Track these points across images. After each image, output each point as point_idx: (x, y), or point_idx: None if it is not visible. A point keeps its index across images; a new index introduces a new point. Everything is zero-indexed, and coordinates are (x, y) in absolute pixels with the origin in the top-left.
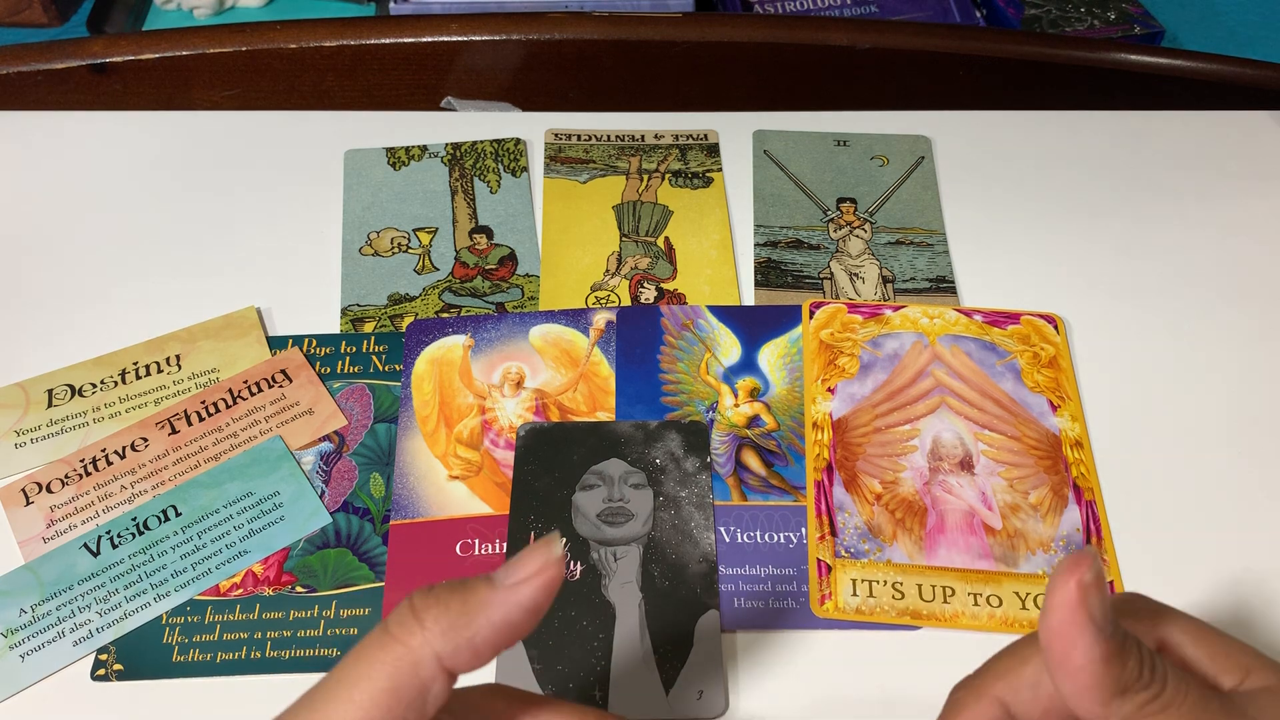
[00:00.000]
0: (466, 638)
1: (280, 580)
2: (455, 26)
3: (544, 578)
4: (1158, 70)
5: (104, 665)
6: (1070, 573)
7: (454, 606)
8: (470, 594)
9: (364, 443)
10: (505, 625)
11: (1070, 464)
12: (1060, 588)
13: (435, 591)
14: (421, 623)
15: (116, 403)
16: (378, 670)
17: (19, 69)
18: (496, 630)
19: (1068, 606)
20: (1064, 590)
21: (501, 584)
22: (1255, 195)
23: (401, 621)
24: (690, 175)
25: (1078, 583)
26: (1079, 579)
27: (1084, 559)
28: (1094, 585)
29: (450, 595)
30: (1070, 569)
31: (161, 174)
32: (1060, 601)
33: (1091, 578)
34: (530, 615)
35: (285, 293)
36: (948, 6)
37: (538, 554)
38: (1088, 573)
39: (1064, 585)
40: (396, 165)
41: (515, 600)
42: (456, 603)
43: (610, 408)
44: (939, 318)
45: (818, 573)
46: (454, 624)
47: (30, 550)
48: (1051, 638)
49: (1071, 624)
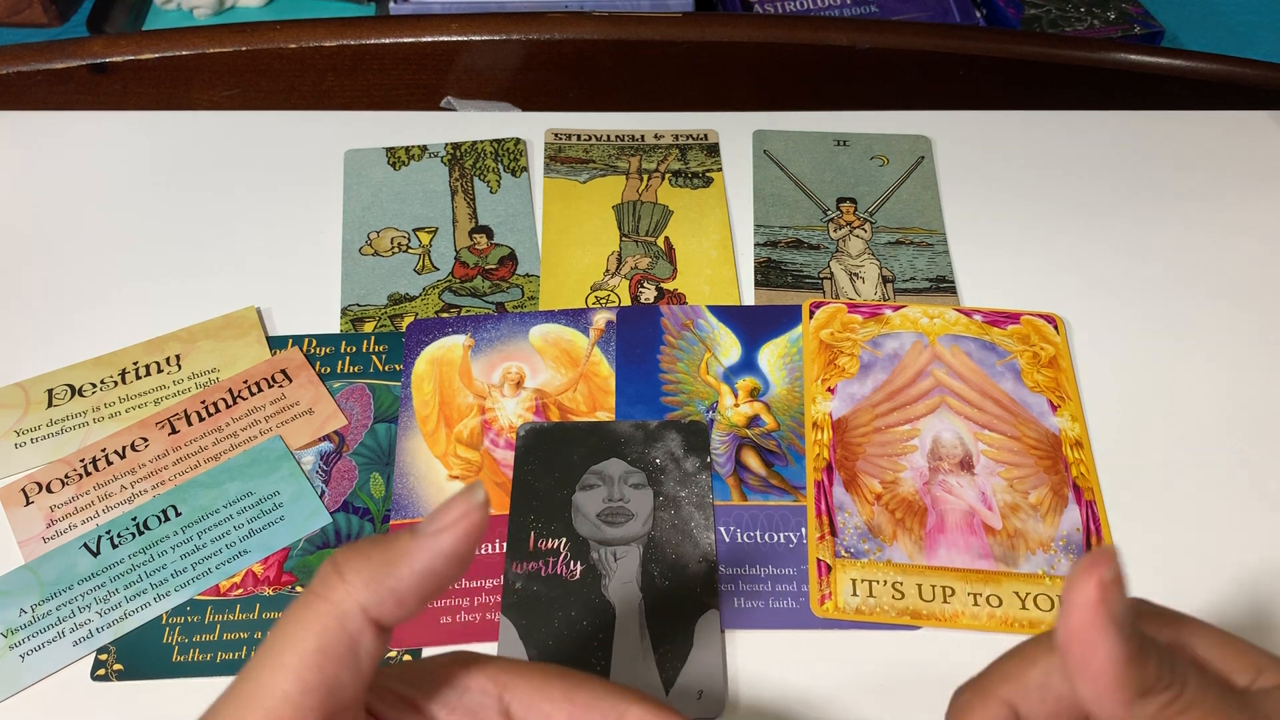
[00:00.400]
0: (389, 587)
1: (280, 580)
2: (455, 26)
3: (466, 523)
4: (1158, 70)
5: (104, 665)
6: (1090, 571)
7: (375, 557)
8: (391, 545)
9: (364, 443)
10: (429, 573)
11: (1070, 464)
12: (1080, 587)
13: (356, 545)
14: (343, 576)
15: (116, 403)
16: (304, 630)
17: (19, 69)
18: (420, 578)
19: (1088, 606)
20: (1084, 589)
21: (423, 532)
22: (1255, 195)
23: (324, 578)
24: (690, 175)
25: (1098, 582)
26: (1100, 578)
27: (1104, 557)
28: (1115, 584)
29: (371, 547)
30: (1090, 568)
31: (161, 174)
32: (1081, 601)
33: (1112, 576)
34: (453, 562)
35: (285, 293)
36: (948, 6)
37: (459, 501)
38: (1108, 571)
39: (1084, 584)
40: (396, 165)
41: (437, 547)
42: (378, 553)
43: (610, 408)
44: (939, 318)
45: (818, 573)
46: (375, 574)
47: (30, 550)
48: (1071, 639)
49: (1092, 625)
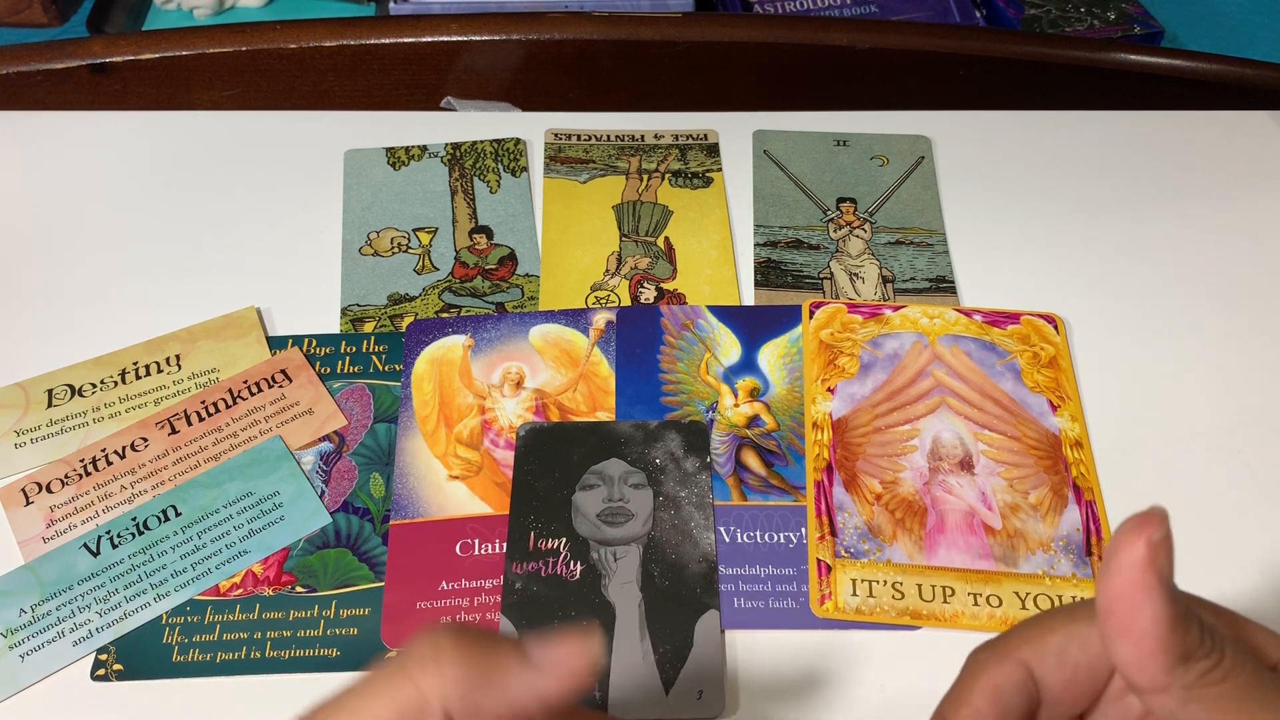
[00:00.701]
0: (478, 703)
1: (280, 580)
2: (455, 26)
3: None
4: (1158, 70)
5: (104, 665)
6: (1139, 531)
7: (478, 665)
8: (498, 658)
9: (364, 443)
10: (519, 707)
11: (1070, 464)
12: (1127, 546)
13: (465, 639)
14: (440, 668)
15: (116, 403)
16: (384, 706)
17: (19, 69)
18: (509, 708)
19: (1136, 566)
20: (1132, 549)
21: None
22: (1255, 195)
23: (420, 659)
24: (690, 175)
25: (1147, 541)
26: (1149, 537)
27: (1152, 517)
28: (1163, 545)
29: (477, 650)
30: (1138, 527)
31: (161, 174)
32: (1128, 561)
33: (1161, 537)
34: (545, 710)
35: (285, 293)
36: (948, 6)
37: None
38: (1157, 532)
39: (1132, 544)
40: (396, 165)
41: (539, 687)
42: (482, 661)
43: (610, 408)
44: (939, 318)
45: (818, 573)
46: (472, 684)
47: (30, 550)
48: (1115, 600)
49: (1140, 585)
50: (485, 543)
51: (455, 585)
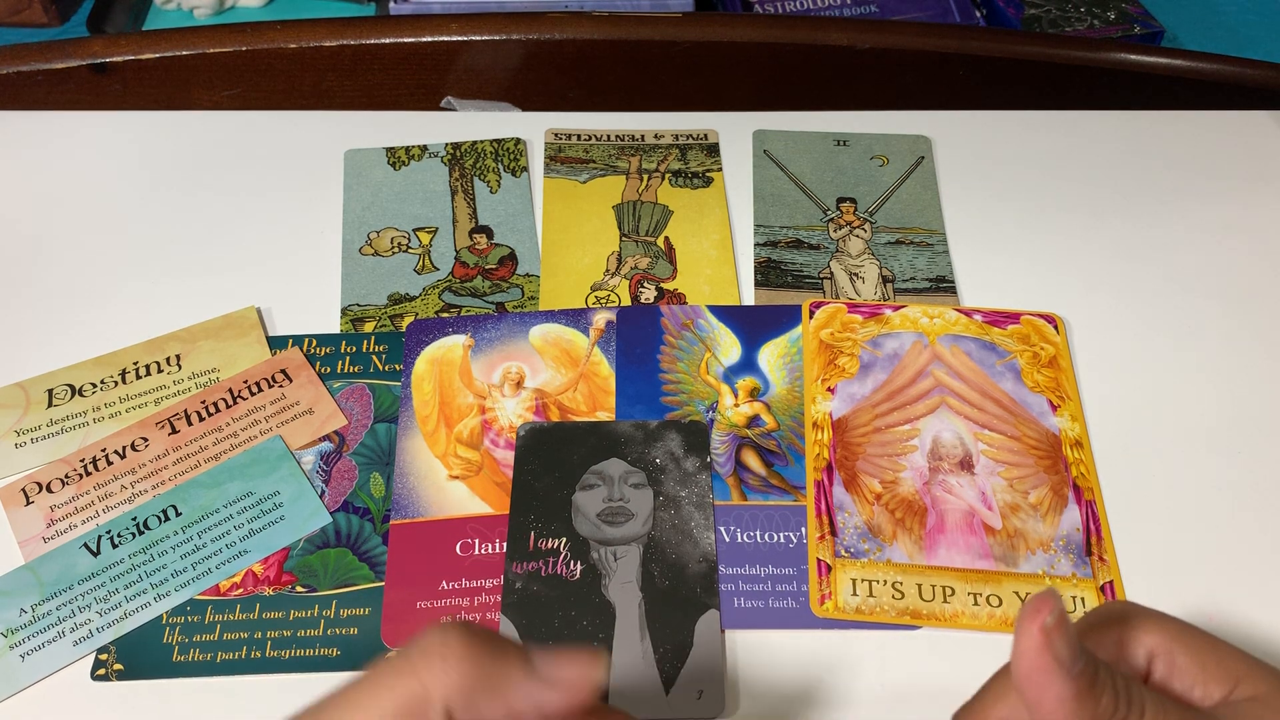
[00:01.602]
0: (479, 705)
1: (280, 580)
2: (455, 26)
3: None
4: (1158, 70)
5: (104, 665)
6: (1033, 618)
7: (483, 667)
8: (504, 665)
9: (364, 442)
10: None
11: (1070, 464)
12: (1024, 634)
13: (471, 639)
14: (445, 665)
15: (116, 403)
16: (388, 698)
17: (19, 69)
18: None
19: (1033, 652)
20: (1028, 636)
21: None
22: (1255, 195)
23: (426, 654)
24: (690, 175)
25: (1040, 628)
26: (1040, 624)
27: (1045, 602)
28: (1056, 628)
29: (484, 652)
30: (1032, 614)
31: (162, 174)
32: (1025, 648)
33: (1054, 620)
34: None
35: (285, 293)
36: (948, 6)
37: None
38: (1049, 616)
39: (1028, 631)
40: (396, 165)
41: (539, 699)
42: (487, 664)
43: (610, 408)
44: (939, 318)
45: (818, 572)
46: (475, 686)
47: (30, 550)
48: (1023, 682)
49: (1039, 668)
50: (485, 542)
51: (455, 585)
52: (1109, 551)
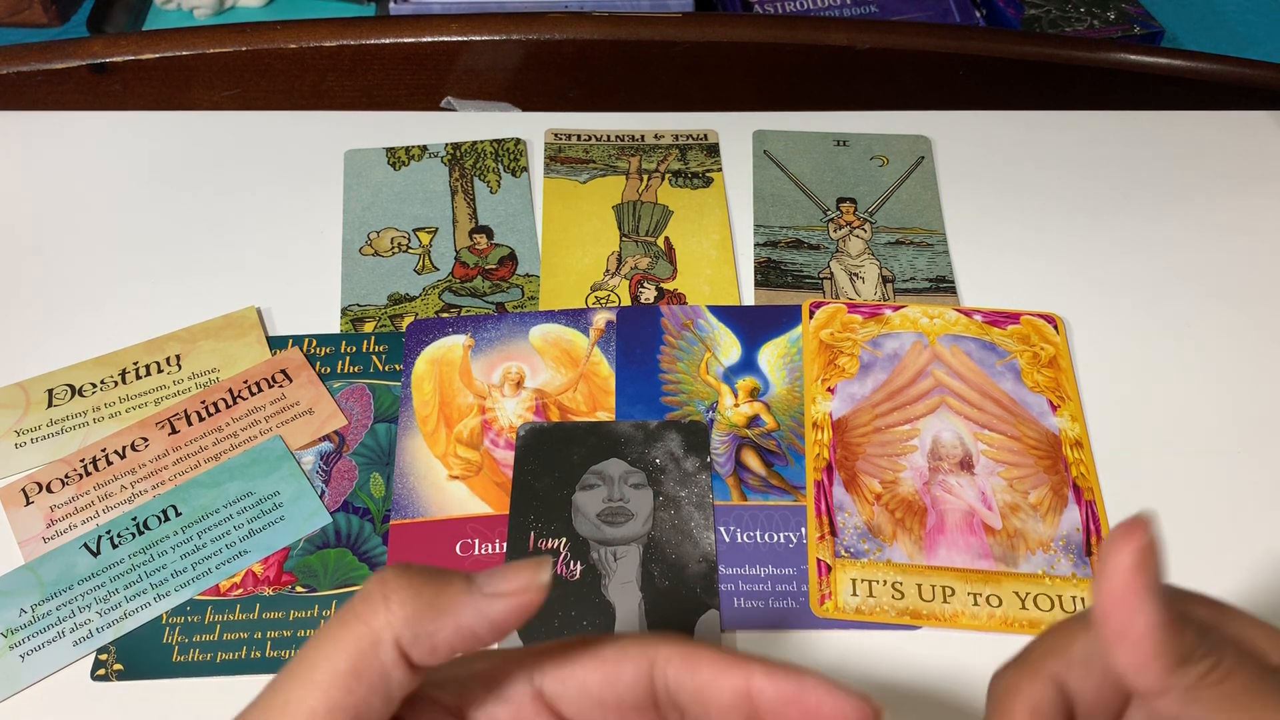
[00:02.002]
0: (429, 631)
1: (280, 580)
2: (455, 26)
3: (522, 599)
4: (1158, 70)
5: (104, 665)
6: (1127, 538)
7: (424, 595)
8: (444, 588)
9: (364, 443)
10: (469, 632)
11: (1070, 464)
12: (1118, 552)
13: (409, 573)
14: (388, 603)
15: (116, 403)
16: (339, 650)
17: (19, 69)
18: (459, 634)
19: (1127, 571)
20: (1122, 555)
21: (479, 589)
22: (1255, 195)
23: (368, 598)
24: (690, 175)
25: (1135, 547)
26: (1137, 543)
27: (1140, 523)
28: (1151, 550)
29: (424, 583)
30: (1127, 534)
31: (161, 174)
32: (1118, 566)
33: (1148, 542)
34: (495, 631)
35: (285, 293)
36: (948, 6)
37: (524, 572)
38: (1145, 536)
39: (1122, 550)
40: (396, 165)
41: (486, 611)
42: (428, 592)
43: (610, 408)
44: (939, 318)
45: (818, 572)
46: (420, 613)
47: (30, 550)
48: (1110, 606)
49: (1131, 591)
50: (485, 543)
51: None
52: None
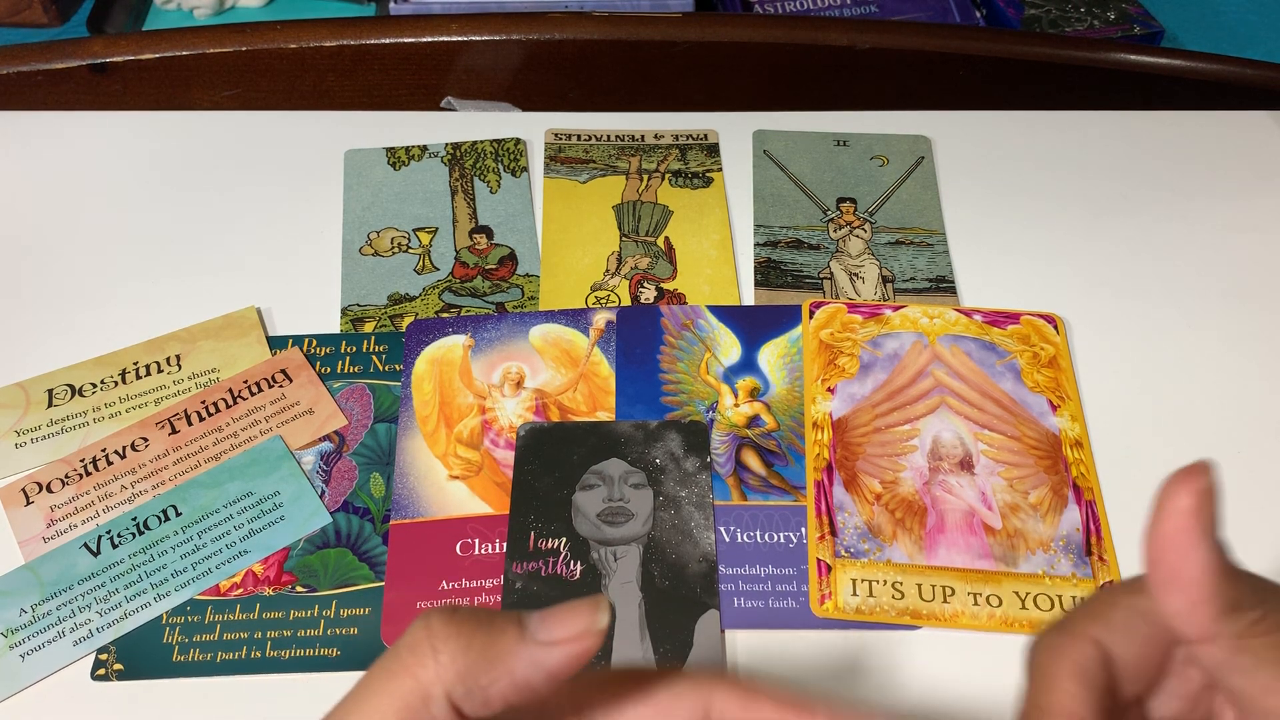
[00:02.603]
0: (481, 685)
1: (280, 580)
2: (455, 26)
3: (580, 646)
4: (1158, 70)
5: (104, 665)
6: (1186, 480)
7: (475, 647)
8: (496, 637)
9: (364, 443)
10: (524, 684)
11: (1070, 464)
12: (1176, 494)
13: (458, 620)
14: (436, 655)
15: (116, 403)
16: (387, 704)
17: (19, 69)
18: (514, 687)
19: (1184, 514)
20: (1180, 498)
21: (533, 637)
22: (1255, 195)
23: (415, 649)
24: (690, 175)
25: (1194, 489)
26: (1196, 486)
27: (1199, 468)
28: (1209, 495)
29: (474, 631)
30: (1185, 477)
31: (161, 174)
32: (1176, 508)
33: (1208, 487)
34: (551, 681)
35: (285, 293)
36: (948, 6)
37: (581, 616)
38: (1204, 481)
39: (1179, 493)
40: (396, 165)
41: (542, 661)
42: (480, 643)
43: (610, 408)
44: (939, 318)
45: (818, 572)
46: (472, 666)
47: (30, 550)
48: (1164, 547)
49: (1187, 532)
50: (485, 543)
51: (455, 585)
52: (1109, 551)
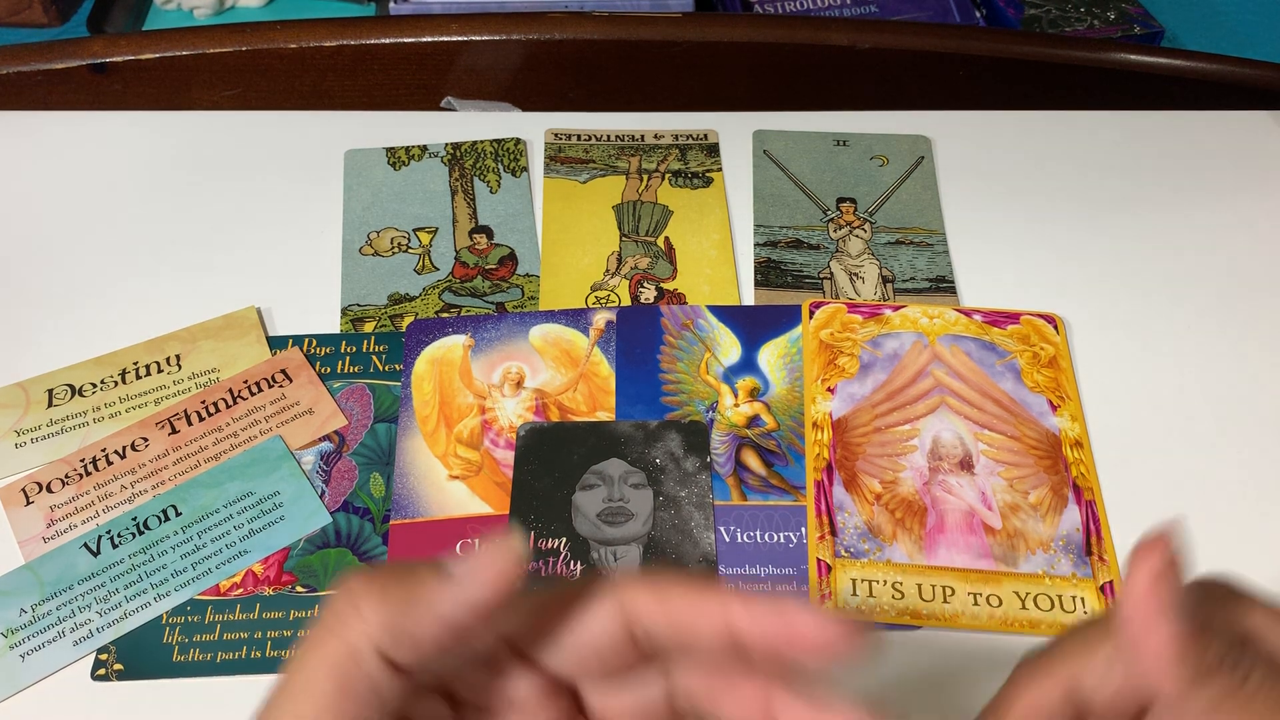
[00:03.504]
0: (406, 630)
1: (280, 580)
2: (455, 26)
3: (496, 573)
4: (1158, 70)
5: (104, 665)
6: (1147, 554)
7: (394, 595)
8: (414, 582)
9: (364, 442)
10: (451, 623)
11: (1070, 464)
12: (1138, 568)
13: (376, 576)
14: (359, 612)
15: (116, 403)
16: (320, 672)
17: (19, 69)
18: (441, 625)
19: (1146, 587)
20: (1141, 571)
21: (451, 576)
22: (1255, 195)
23: (337, 612)
24: (690, 175)
25: (1154, 565)
26: (1156, 560)
27: (1162, 539)
28: (1171, 567)
29: (391, 582)
30: (1148, 550)
31: (161, 174)
32: (1137, 582)
33: (1168, 559)
34: (480, 617)
35: (285, 293)
36: (948, 6)
37: (496, 550)
38: (1166, 552)
39: (1142, 566)
40: (396, 165)
41: (465, 596)
42: (397, 590)
43: (610, 408)
44: (939, 318)
45: (818, 572)
46: (395, 615)
47: (30, 550)
48: (1130, 619)
49: (1151, 606)
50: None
51: None
52: (1109, 551)
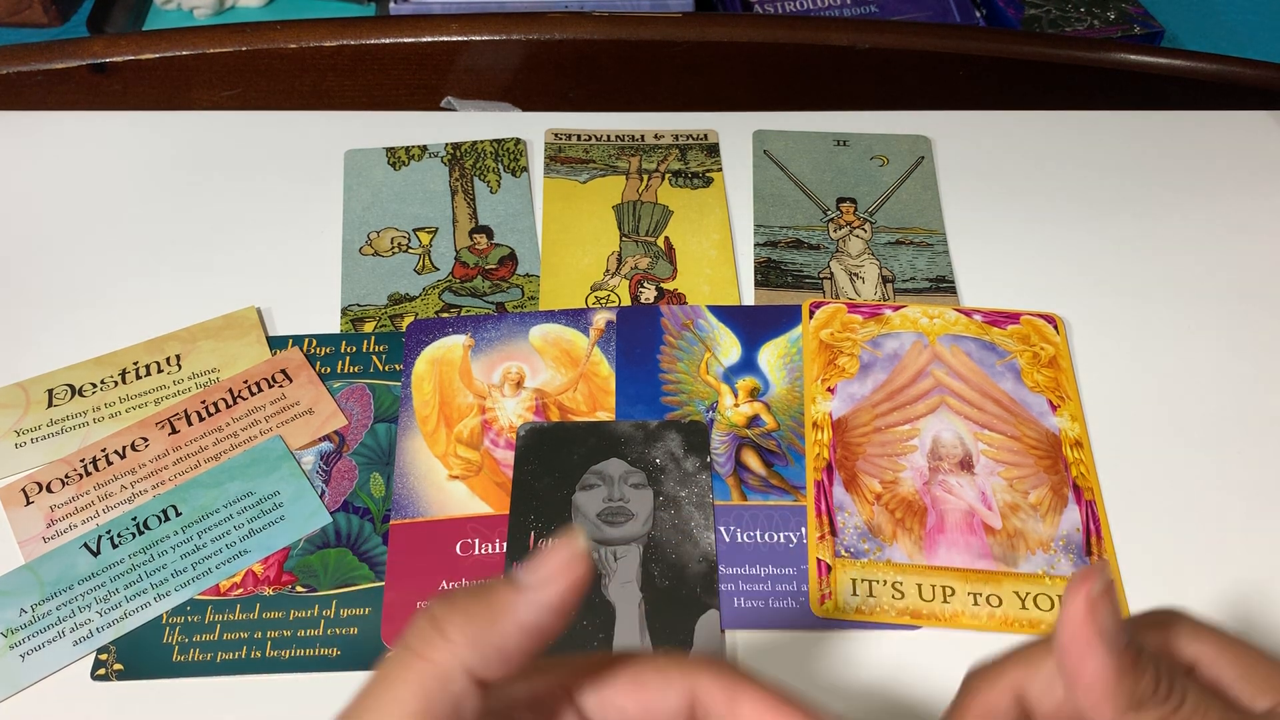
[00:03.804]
0: (495, 645)
1: (280, 580)
2: (455, 26)
3: (568, 576)
4: (1158, 70)
5: (104, 665)
6: (1080, 586)
7: (477, 613)
8: (493, 598)
9: (364, 442)
10: (534, 628)
11: (1070, 464)
12: (1070, 601)
13: (454, 600)
14: (445, 634)
15: (116, 402)
16: (405, 693)
17: (19, 69)
18: (526, 634)
19: (1078, 619)
20: (1074, 604)
21: (524, 585)
22: (1255, 195)
23: (423, 636)
24: (690, 175)
25: (1085, 597)
26: (1087, 593)
27: (1093, 572)
28: (1102, 599)
29: (472, 602)
30: (1080, 582)
31: (161, 174)
32: (1070, 615)
33: (1100, 591)
34: (558, 616)
35: (285, 293)
36: (948, 6)
37: (560, 551)
38: (1096, 586)
39: (1074, 598)
40: (396, 165)
41: (541, 601)
42: (479, 609)
43: (610, 408)
44: (939, 318)
45: (818, 572)
46: (479, 632)
47: (30, 550)
48: (1064, 650)
49: (1082, 637)
50: (485, 543)
51: (455, 585)
52: (1109, 551)
